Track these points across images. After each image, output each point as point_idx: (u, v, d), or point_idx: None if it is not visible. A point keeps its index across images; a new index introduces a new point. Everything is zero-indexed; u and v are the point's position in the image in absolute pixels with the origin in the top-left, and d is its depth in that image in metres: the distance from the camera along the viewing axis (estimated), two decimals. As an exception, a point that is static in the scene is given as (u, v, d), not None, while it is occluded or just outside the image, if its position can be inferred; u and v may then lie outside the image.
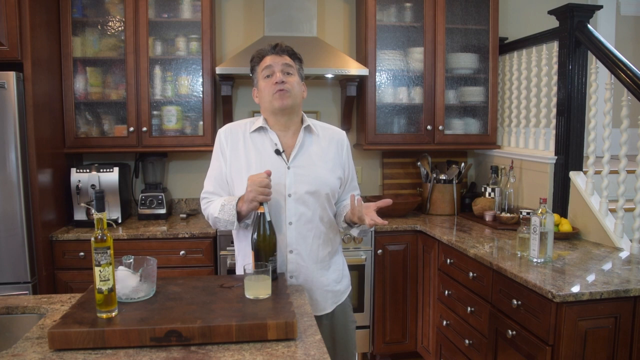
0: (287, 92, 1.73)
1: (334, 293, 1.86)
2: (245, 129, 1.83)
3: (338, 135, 1.90)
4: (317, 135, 1.84)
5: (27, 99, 2.58)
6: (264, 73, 1.76)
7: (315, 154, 1.81)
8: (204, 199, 1.85)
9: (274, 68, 1.75)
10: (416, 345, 3.15)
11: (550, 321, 1.85)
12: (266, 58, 1.77)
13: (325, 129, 1.89)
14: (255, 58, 1.81)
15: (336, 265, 1.90)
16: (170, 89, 3.16)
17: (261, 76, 1.78)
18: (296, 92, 1.77)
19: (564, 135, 2.76)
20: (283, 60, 1.76)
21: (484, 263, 2.30)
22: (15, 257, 2.55)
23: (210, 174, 1.85)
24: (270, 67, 1.75)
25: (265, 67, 1.76)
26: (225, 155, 1.81)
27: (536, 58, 3.11)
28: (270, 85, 1.75)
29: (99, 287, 1.34)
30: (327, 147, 1.84)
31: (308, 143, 1.82)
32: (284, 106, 1.74)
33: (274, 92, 1.73)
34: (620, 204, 2.42)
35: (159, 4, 3.11)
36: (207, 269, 2.88)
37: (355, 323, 1.98)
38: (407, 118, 3.41)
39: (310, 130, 1.84)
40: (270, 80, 1.75)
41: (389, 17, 3.34)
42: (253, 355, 1.24)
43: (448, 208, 3.38)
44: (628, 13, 3.96)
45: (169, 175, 3.51)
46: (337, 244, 1.92)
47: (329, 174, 1.81)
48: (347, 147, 1.90)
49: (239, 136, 1.82)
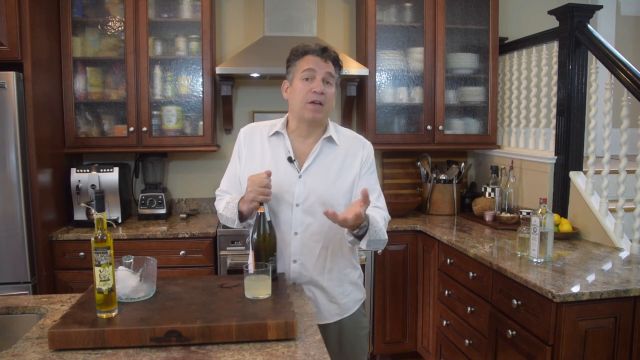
0: (321, 107, 1.66)
1: (338, 306, 1.78)
2: (265, 131, 1.78)
3: (362, 148, 1.78)
4: (337, 146, 1.75)
5: (27, 99, 2.58)
6: (304, 75, 1.67)
7: (332, 166, 1.72)
8: (217, 195, 1.86)
9: (317, 74, 1.66)
10: (416, 345, 3.15)
11: (550, 321, 1.85)
12: (310, 57, 1.67)
13: (349, 138, 1.79)
14: (297, 51, 1.70)
15: (347, 277, 1.79)
16: (170, 89, 3.16)
17: (300, 76, 1.68)
18: (330, 105, 1.71)
19: (564, 135, 2.76)
20: (327, 68, 1.67)
21: (484, 263, 2.30)
22: (15, 257, 2.55)
23: (227, 172, 1.85)
24: (312, 70, 1.66)
25: (307, 69, 1.66)
26: (242, 156, 1.79)
27: (536, 58, 3.11)
28: (306, 90, 1.66)
29: (99, 287, 1.34)
30: (346, 160, 1.74)
31: (325, 153, 1.73)
32: (316, 120, 1.68)
33: (308, 102, 1.66)
34: (620, 204, 2.42)
35: (159, 4, 3.11)
36: (207, 269, 2.88)
37: (367, 329, 1.90)
38: (407, 118, 3.41)
39: (331, 140, 1.75)
40: (308, 84, 1.66)
41: (389, 17, 3.34)
42: (253, 355, 1.24)
43: (448, 208, 3.38)
44: (628, 13, 3.96)
45: (169, 175, 3.51)
46: (351, 257, 1.81)
47: (343, 187, 1.73)
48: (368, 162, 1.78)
49: (256, 138, 1.78)
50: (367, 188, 1.57)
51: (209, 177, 3.48)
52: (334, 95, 1.74)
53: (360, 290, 1.87)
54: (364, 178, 1.76)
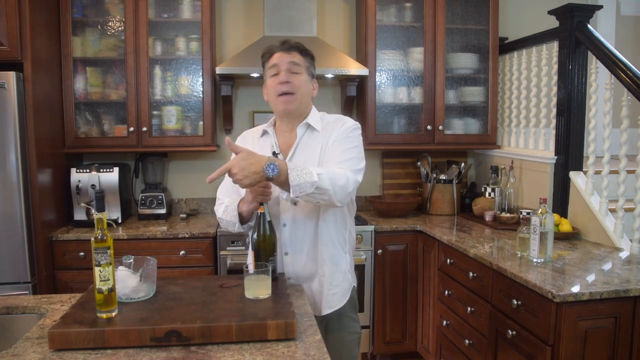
0: (292, 96, 1.70)
1: (327, 296, 1.78)
2: (256, 134, 1.86)
3: (342, 125, 1.75)
4: (318, 132, 1.76)
5: (27, 99, 2.58)
6: (271, 72, 1.73)
7: (314, 152, 1.74)
8: (217, 199, 1.88)
9: (280, 67, 1.71)
10: (416, 345, 3.15)
11: (550, 321, 1.85)
12: (274, 55, 1.73)
13: (331, 122, 1.78)
14: (265, 54, 1.77)
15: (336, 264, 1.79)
16: (170, 89, 3.16)
17: (268, 74, 1.75)
18: (303, 93, 1.73)
19: (564, 135, 2.76)
20: (290, 58, 1.71)
21: (484, 263, 2.30)
22: (15, 257, 2.55)
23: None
24: (276, 65, 1.71)
25: (272, 66, 1.72)
26: None
27: (536, 58, 3.11)
28: (275, 84, 1.71)
29: (99, 287, 1.34)
30: (327, 143, 1.74)
31: (306, 142, 1.76)
32: (288, 111, 1.73)
33: (278, 94, 1.70)
34: (620, 204, 2.42)
35: (159, 4, 3.11)
36: (207, 269, 2.88)
37: (355, 335, 1.84)
38: (407, 118, 3.41)
39: (311, 128, 1.77)
40: (275, 79, 1.71)
41: (389, 17, 3.34)
42: (253, 355, 1.24)
43: (448, 208, 3.38)
44: (628, 13, 3.96)
45: (169, 175, 3.51)
46: (339, 243, 1.80)
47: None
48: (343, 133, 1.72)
49: (248, 141, 1.86)
50: (335, 153, 1.64)
51: (209, 177, 3.47)
52: (307, 82, 1.75)
53: (350, 278, 1.84)
54: (334, 145, 1.71)
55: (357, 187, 1.68)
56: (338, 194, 1.57)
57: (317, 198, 1.54)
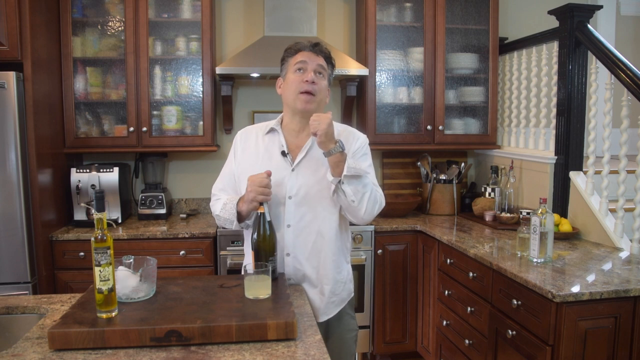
0: (313, 97, 1.71)
1: (327, 302, 1.78)
2: (260, 130, 1.84)
3: (355, 141, 1.78)
4: None
5: (27, 99, 2.58)
6: (297, 66, 1.72)
7: (324, 159, 1.70)
8: (213, 195, 1.87)
9: (308, 65, 1.72)
10: (416, 345, 3.15)
11: (550, 321, 1.85)
12: (302, 52, 1.74)
13: (342, 133, 1.78)
14: (290, 49, 1.77)
15: (339, 272, 1.80)
16: (170, 89, 3.16)
17: (292, 68, 1.74)
18: (322, 97, 1.75)
19: (564, 135, 2.76)
20: (318, 61, 1.73)
21: (484, 263, 2.30)
22: (15, 257, 2.55)
23: (222, 172, 1.88)
24: (305, 62, 1.72)
25: (299, 61, 1.72)
26: (237, 154, 1.84)
27: (536, 58, 3.11)
28: (299, 81, 1.71)
29: (99, 287, 1.34)
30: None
31: (318, 147, 1.73)
32: (307, 110, 1.72)
33: (301, 92, 1.70)
34: (620, 204, 2.42)
35: (159, 4, 3.11)
36: (207, 269, 2.88)
37: (354, 332, 1.88)
38: (407, 118, 3.41)
39: None
40: (300, 75, 1.71)
41: (389, 17, 3.34)
42: (253, 355, 1.24)
43: (448, 208, 3.38)
44: (628, 13, 3.96)
45: (169, 175, 3.51)
46: (341, 252, 1.81)
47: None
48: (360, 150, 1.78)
49: (252, 137, 1.84)
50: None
51: (209, 177, 3.44)
52: (326, 88, 1.77)
53: (350, 288, 1.87)
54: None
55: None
56: (369, 204, 1.67)
57: (358, 192, 1.63)
